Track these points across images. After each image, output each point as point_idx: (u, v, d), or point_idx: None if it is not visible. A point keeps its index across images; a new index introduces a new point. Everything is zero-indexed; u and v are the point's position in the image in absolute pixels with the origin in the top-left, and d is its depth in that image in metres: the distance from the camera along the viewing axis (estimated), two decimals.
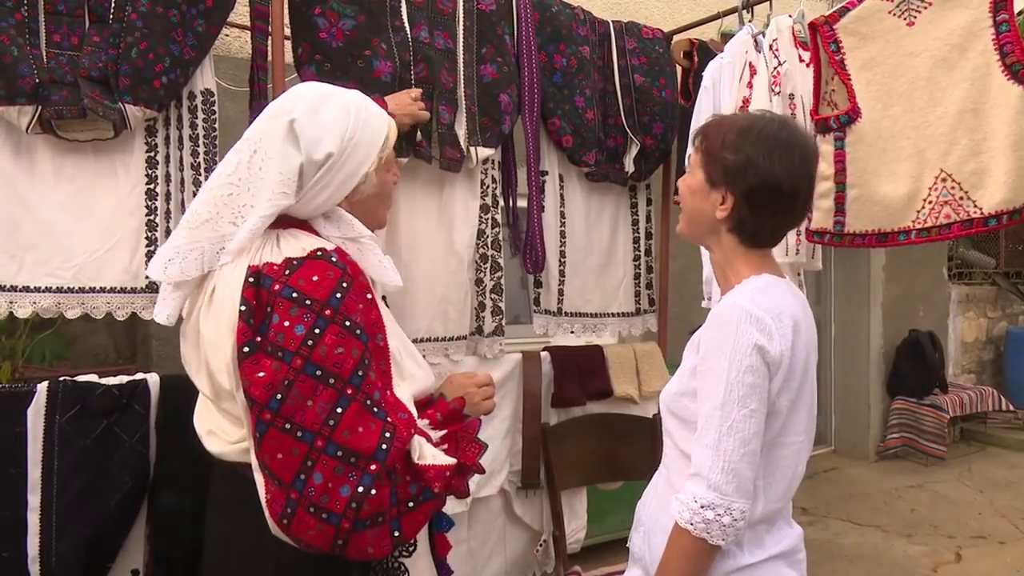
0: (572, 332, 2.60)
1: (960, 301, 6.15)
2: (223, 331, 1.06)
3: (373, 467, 1.00)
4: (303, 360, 1.00)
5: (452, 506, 2.27)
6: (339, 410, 1.00)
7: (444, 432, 1.16)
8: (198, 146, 1.91)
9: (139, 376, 1.80)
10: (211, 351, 1.09)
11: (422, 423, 1.15)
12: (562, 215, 2.53)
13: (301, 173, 1.12)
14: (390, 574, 1.17)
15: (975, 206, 1.83)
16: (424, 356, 2.18)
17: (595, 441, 2.44)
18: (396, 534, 1.03)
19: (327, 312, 1.03)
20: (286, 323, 1.02)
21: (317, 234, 1.18)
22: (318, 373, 1.01)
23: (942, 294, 5.97)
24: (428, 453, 1.09)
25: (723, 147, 1.23)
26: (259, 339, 1.03)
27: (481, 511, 2.40)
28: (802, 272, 2.38)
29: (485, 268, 2.31)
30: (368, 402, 1.03)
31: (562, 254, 2.53)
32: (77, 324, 2.86)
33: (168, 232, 1.86)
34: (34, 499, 1.64)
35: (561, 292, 2.54)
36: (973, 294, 6.29)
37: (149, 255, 1.84)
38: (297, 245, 1.10)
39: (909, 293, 5.62)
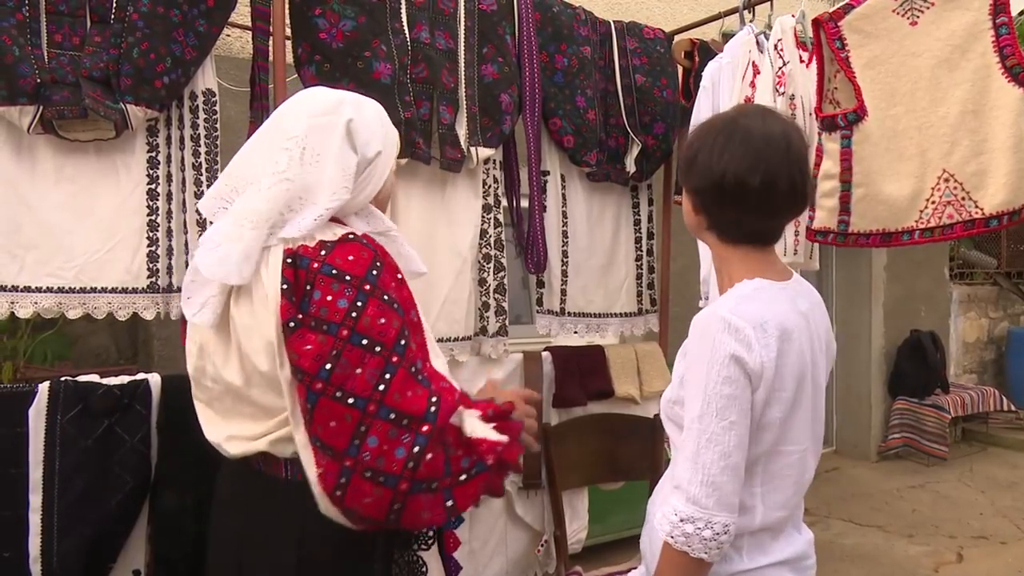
0: (576, 332, 2.60)
1: (961, 301, 6.15)
2: (260, 312, 1.09)
3: (425, 428, 1.02)
4: (349, 331, 1.03)
5: None
6: (388, 376, 1.03)
7: (492, 425, 1.16)
8: (199, 146, 1.91)
9: (140, 376, 1.80)
10: (245, 334, 1.11)
11: (472, 413, 1.16)
12: (564, 215, 2.53)
13: (356, 172, 1.19)
14: (411, 567, 1.18)
15: (976, 207, 1.83)
16: None
17: (596, 441, 2.44)
18: (449, 504, 1.04)
19: (366, 287, 1.07)
20: (328, 297, 1.05)
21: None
22: (364, 342, 1.03)
23: (943, 294, 5.96)
24: (480, 428, 1.11)
25: (683, 147, 1.26)
26: (301, 315, 1.05)
27: (482, 511, 2.40)
28: (801, 273, 2.38)
29: (488, 268, 2.31)
30: (412, 369, 1.06)
31: (564, 254, 2.53)
32: (78, 324, 2.87)
33: (170, 232, 1.86)
34: (35, 499, 1.64)
35: (564, 292, 2.54)
36: (974, 294, 6.29)
37: (151, 255, 1.84)
38: (328, 230, 1.14)
39: (910, 293, 5.61)
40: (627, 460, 2.45)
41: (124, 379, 1.77)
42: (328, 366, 1.02)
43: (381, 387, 1.02)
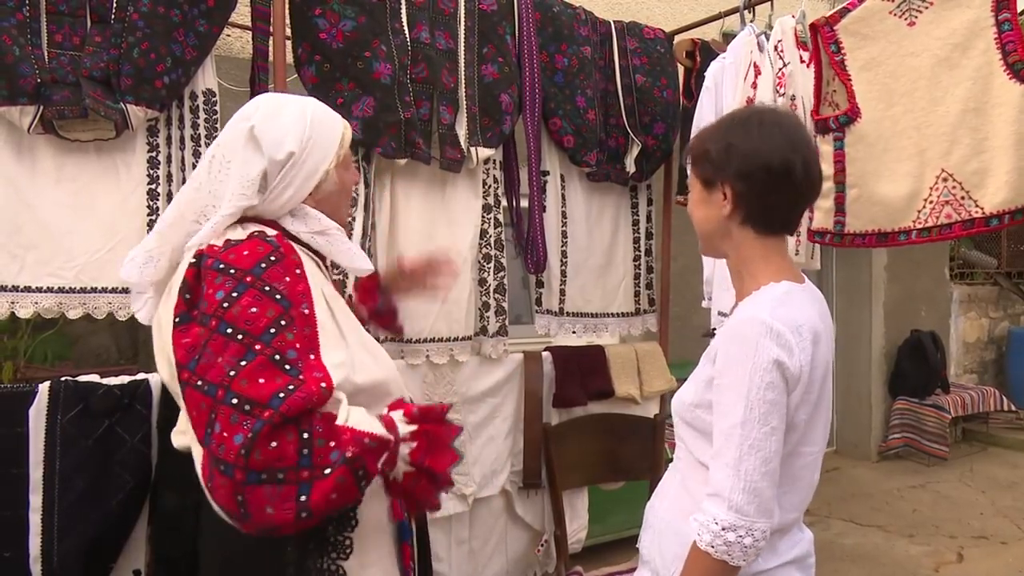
0: (574, 332, 2.60)
1: (962, 301, 6.15)
2: (171, 310, 1.11)
3: (266, 414, 0.94)
4: (218, 320, 1.02)
5: (452, 506, 2.28)
6: (243, 363, 0.99)
7: (415, 428, 1.10)
8: (200, 146, 1.91)
9: (141, 376, 1.80)
10: (165, 331, 1.13)
11: (396, 413, 1.12)
12: (563, 215, 2.53)
13: (265, 175, 1.18)
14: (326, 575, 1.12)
15: (976, 206, 1.82)
16: (428, 356, 2.20)
17: (596, 441, 2.44)
18: (303, 499, 0.95)
19: (248, 279, 1.06)
20: (210, 291, 1.06)
21: (284, 231, 1.22)
22: (229, 331, 1.01)
23: (944, 294, 5.96)
24: (356, 418, 1.03)
25: (704, 144, 1.24)
26: (194, 312, 1.07)
27: (482, 511, 2.41)
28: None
29: (488, 268, 2.31)
30: (277, 357, 1.00)
31: (564, 254, 2.53)
32: (79, 324, 2.87)
33: None
34: (36, 499, 1.64)
35: (563, 292, 2.54)
36: (975, 294, 6.29)
37: None
38: (242, 232, 1.16)
39: (911, 293, 5.61)
40: (627, 460, 2.45)
41: (124, 379, 1.77)
42: (196, 356, 1.01)
43: (232, 372, 0.98)
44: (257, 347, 1.00)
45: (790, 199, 1.21)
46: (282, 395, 0.96)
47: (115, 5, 1.73)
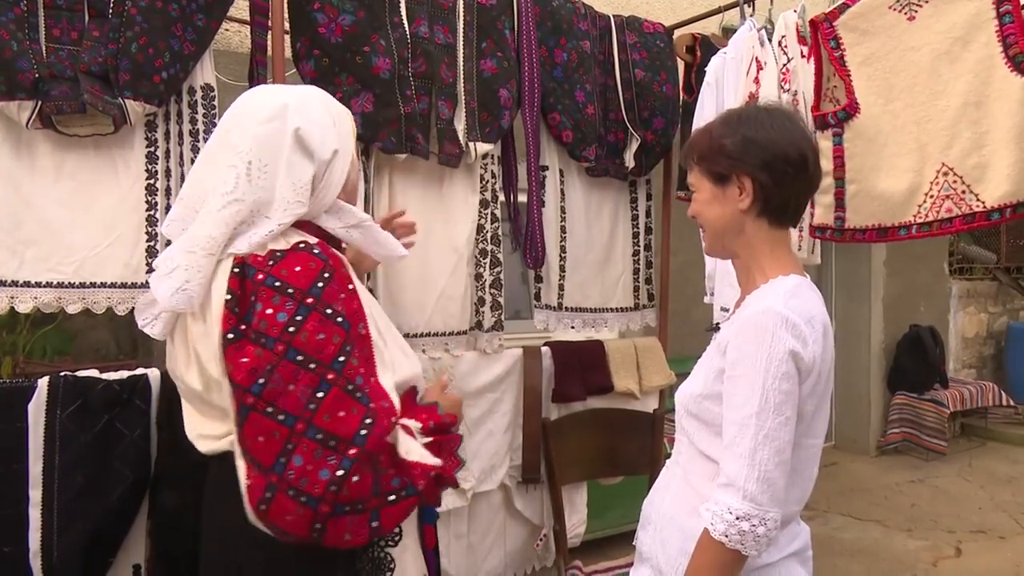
0: (572, 327, 2.60)
1: (961, 296, 6.15)
2: (211, 321, 1.09)
3: (352, 451, 1.01)
4: (285, 346, 1.02)
5: (451, 500, 2.28)
6: (320, 394, 1.02)
7: (430, 440, 1.16)
8: (198, 141, 1.91)
9: (140, 371, 1.80)
10: (199, 341, 1.12)
11: (413, 424, 1.15)
12: (562, 210, 2.53)
13: (314, 179, 1.15)
14: (377, 564, 1.18)
15: (977, 200, 1.82)
16: (424, 351, 2.20)
17: (596, 436, 2.45)
18: (375, 524, 1.04)
19: (308, 300, 1.05)
20: (268, 311, 1.04)
21: (319, 229, 1.20)
22: (299, 358, 1.02)
23: (943, 289, 5.97)
24: (415, 450, 1.10)
25: (717, 139, 1.23)
26: (243, 327, 1.05)
27: (482, 506, 2.41)
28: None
29: (485, 263, 2.31)
30: (349, 387, 1.04)
31: (562, 249, 2.53)
32: (78, 319, 2.87)
33: None
34: (35, 494, 1.64)
35: (561, 287, 2.54)
36: (974, 289, 6.29)
37: (149, 250, 1.84)
38: (280, 239, 1.13)
39: (910, 288, 5.61)
40: (626, 455, 2.46)
41: (124, 374, 1.77)
42: (261, 380, 1.01)
43: (312, 406, 1.01)
44: (330, 377, 1.03)
45: (804, 190, 1.25)
46: (364, 432, 1.02)
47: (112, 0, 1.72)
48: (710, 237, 1.30)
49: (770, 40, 2.30)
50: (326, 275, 1.08)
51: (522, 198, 2.44)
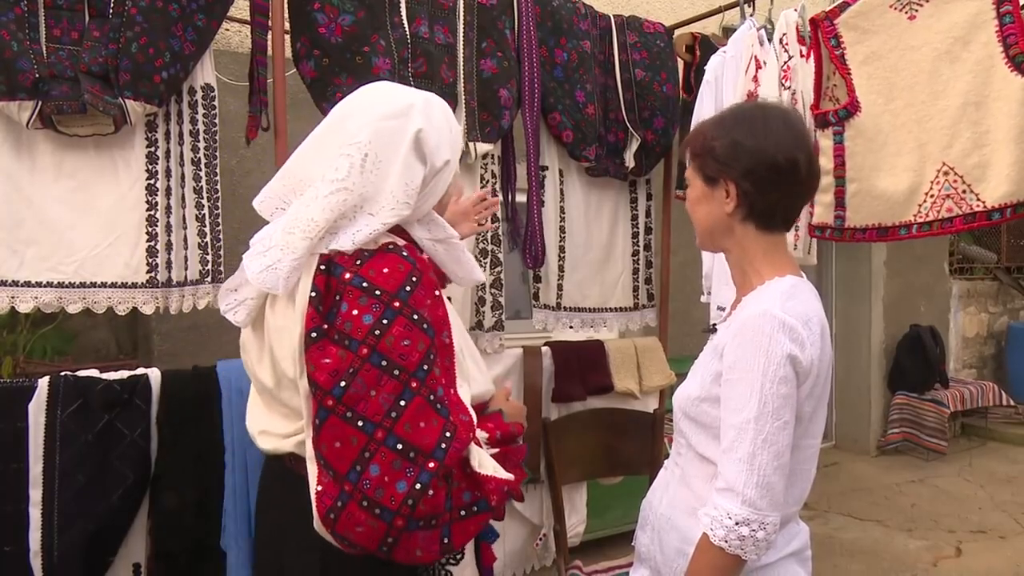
0: (571, 327, 2.60)
1: (961, 296, 6.15)
2: (291, 317, 1.06)
3: (431, 465, 0.98)
4: (369, 349, 0.99)
5: None
6: (402, 403, 0.98)
7: (496, 451, 1.14)
8: (198, 141, 1.91)
9: (140, 371, 1.80)
10: (276, 337, 1.09)
11: (481, 435, 1.13)
12: (562, 210, 2.53)
13: (422, 183, 1.13)
14: None
15: (978, 199, 1.82)
16: None
17: (595, 436, 2.44)
18: (445, 541, 1.00)
19: (395, 304, 1.02)
20: (354, 312, 1.01)
21: (407, 236, 1.18)
22: (383, 363, 0.99)
23: (943, 289, 5.96)
24: (488, 464, 1.07)
25: (708, 140, 1.23)
26: (326, 326, 1.02)
27: None
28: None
29: (484, 263, 2.31)
30: (432, 397, 1.01)
31: (562, 249, 2.53)
32: (78, 319, 2.87)
33: (169, 227, 1.86)
34: (36, 494, 1.64)
35: (560, 287, 2.54)
36: (974, 289, 6.29)
37: (150, 250, 1.84)
38: (372, 241, 1.10)
39: (910, 288, 5.61)
40: (626, 455, 2.46)
41: (124, 374, 1.77)
42: (343, 383, 0.98)
43: (394, 414, 0.98)
44: (413, 385, 1.00)
45: (793, 196, 1.22)
46: (444, 446, 0.99)
47: (113, 0, 1.72)
48: (699, 233, 1.31)
49: (770, 39, 2.30)
50: (414, 279, 1.05)
51: (521, 198, 2.44)
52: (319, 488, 0.99)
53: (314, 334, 1.01)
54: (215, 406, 1.81)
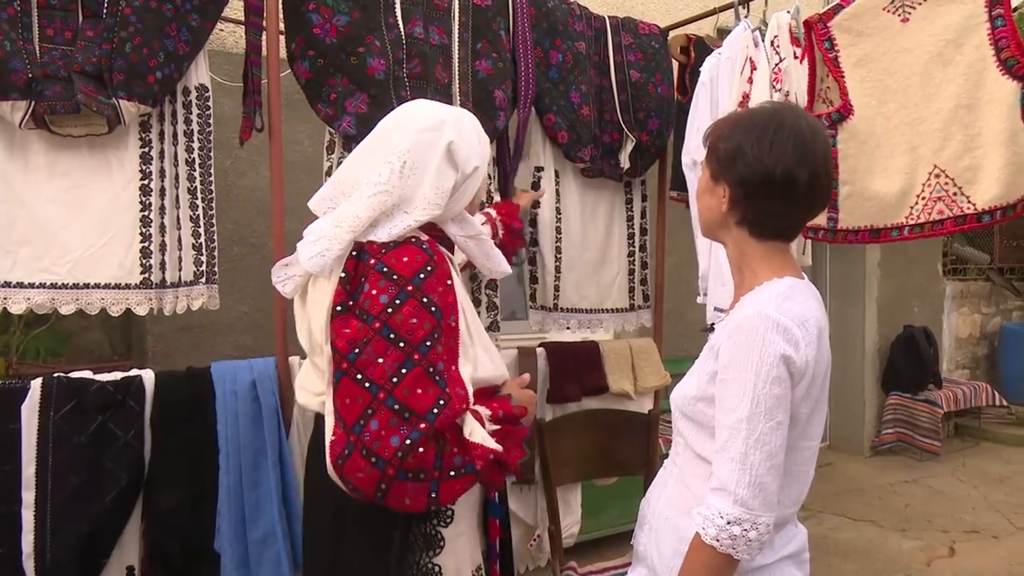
0: (567, 328, 2.60)
1: (954, 297, 6.18)
2: (326, 293, 1.24)
3: (422, 426, 1.12)
4: (381, 324, 1.15)
5: None
6: (403, 371, 1.14)
7: (497, 427, 1.26)
8: (192, 141, 1.91)
9: (134, 372, 1.79)
10: (314, 310, 1.29)
11: (483, 411, 1.26)
12: (558, 211, 2.53)
13: (454, 187, 1.30)
14: (428, 540, 1.29)
15: (969, 202, 1.83)
16: None
17: (591, 437, 2.44)
18: (433, 495, 1.14)
19: (409, 288, 1.18)
20: (374, 292, 1.18)
21: (442, 231, 1.36)
22: (391, 336, 1.15)
23: (937, 290, 5.99)
24: (479, 433, 1.21)
25: (718, 139, 1.23)
26: (351, 302, 1.20)
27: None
28: None
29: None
30: (431, 369, 1.16)
31: (558, 250, 2.53)
32: (72, 320, 2.86)
33: (163, 228, 1.86)
34: (28, 496, 1.64)
35: (557, 288, 2.54)
36: (967, 290, 6.32)
37: (144, 251, 1.84)
38: (404, 232, 1.27)
39: (904, 289, 5.64)
40: (621, 456, 2.46)
41: (118, 375, 1.77)
42: (356, 350, 1.15)
43: (395, 379, 1.13)
44: (415, 357, 1.15)
45: (787, 211, 1.21)
46: (436, 410, 1.14)
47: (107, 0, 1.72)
48: (700, 222, 1.33)
49: (764, 41, 2.30)
50: (428, 268, 1.21)
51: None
52: (333, 438, 1.16)
53: (339, 308, 1.19)
54: (209, 407, 1.81)
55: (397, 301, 1.17)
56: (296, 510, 1.82)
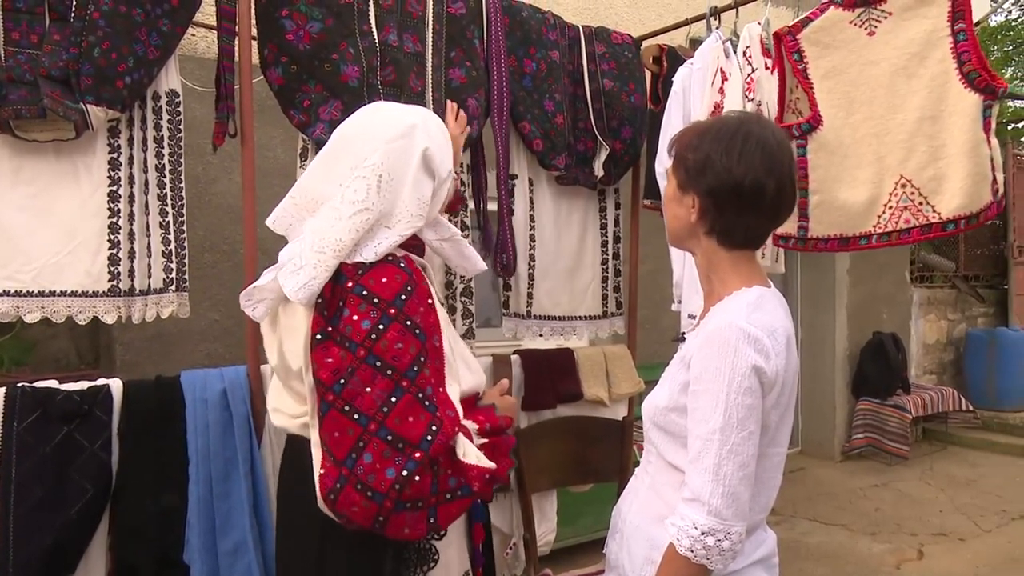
0: (540, 335, 2.60)
1: (922, 304, 6.30)
2: (299, 318, 1.20)
3: (417, 455, 1.09)
4: (366, 351, 1.11)
5: None
6: (393, 399, 1.10)
7: (485, 441, 1.25)
8: (163, 147, 1.88)
9: (101, 381, 1.76)
10: (287, 335, 1.24)
11: (470, 425, 1.24)
12: (532, 219, 2.54)
13: (433, 194, 1.27)
14: (422, 554, 1.28)
15: (934, 211, 1.87)
16: None
17: (565, 444, 2.45)
18: (432, 521, 1.12)
19: (391, 311, 1.14)
20: (355, 317, 1.13)
21: (418, 238, 1.32)
22: (378, 364, 1.11)
23: (904, 297, 6.10)
24: (472, 453, 1.18)
25: (686, 149, 1.24)
26: (330, 328, 1.14)
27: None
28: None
29: (454, 272, 2.30)
30: (420, 395, 1.13)
31: (531, 257, 2.54)
32: (37, 328, 2.80)
33: (132, 235, 1.83)
34: None
35: (530, 295, 2.54)
36: (934, 297, 6.45)
37: (112, 258, 1.81)
38: (390, 249, 1.23)
39: (873, 296, 5.73)
40: (596, 462, 2.47)
41: (84, 385, 1.73)
42: (342, 381, 1.11)
43: (385, 409, 1.10)
44: (404, 384, 1.12)
45: (756, 220, 1.22)
46: (429, 437, 1.11)
47: (75, 3, 1.69)
48: (668, 231, 1.34)
49: (735, 52, 2.34)
50: (409, 288, 1.17)
51: (491, 207, 2.44)
52: (322, 471, 1.12)
53: (319, 336, 1.14)
54: (178, 417, 1.78)
55: (380, 326, 1.12)
56: (268, 521, 1.79)
